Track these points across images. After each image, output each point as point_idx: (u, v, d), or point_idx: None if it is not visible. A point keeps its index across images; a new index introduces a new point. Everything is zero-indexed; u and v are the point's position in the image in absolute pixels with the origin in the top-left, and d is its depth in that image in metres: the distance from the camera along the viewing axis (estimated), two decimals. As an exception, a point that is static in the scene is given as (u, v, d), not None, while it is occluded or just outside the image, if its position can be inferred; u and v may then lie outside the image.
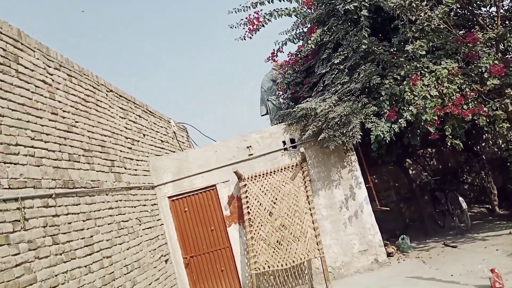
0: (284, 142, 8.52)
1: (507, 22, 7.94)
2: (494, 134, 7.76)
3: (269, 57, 9.91)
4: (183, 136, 12.02)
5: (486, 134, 8.21)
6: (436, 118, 7.04)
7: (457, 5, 7.20)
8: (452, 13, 7.35)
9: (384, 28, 8.52)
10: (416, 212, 10.94)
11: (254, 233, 7.89)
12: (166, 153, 10.05)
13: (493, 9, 7.97)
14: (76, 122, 6.23)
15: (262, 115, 10.93)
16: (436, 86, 7.14)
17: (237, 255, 8.34)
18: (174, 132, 11.15)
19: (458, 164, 11.41)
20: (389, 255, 8.25)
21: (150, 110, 9.82)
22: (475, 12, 7.96)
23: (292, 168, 8.19)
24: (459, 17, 7.99)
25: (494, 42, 7.40)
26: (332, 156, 8.21)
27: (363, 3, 7.60)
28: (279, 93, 10.47)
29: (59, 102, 5.91)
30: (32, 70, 5.49)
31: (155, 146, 9.52)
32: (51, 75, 5.93)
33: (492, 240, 7.66)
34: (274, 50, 9.89)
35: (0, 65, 4.87)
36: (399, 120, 7.15)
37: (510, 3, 8.15)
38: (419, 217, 10.68)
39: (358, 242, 8.00)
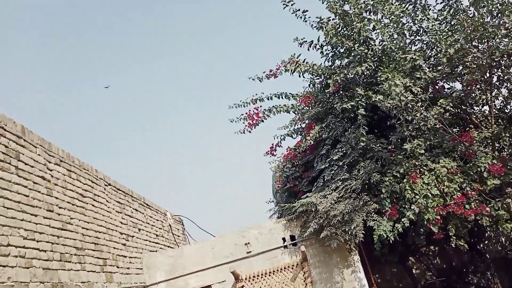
0: (284, 239, 8.30)
1: (500, 121, 8.25)
2: (497, 233, 7.60)
3: (268, 151, 10.05)
4: (178, 229, 11.73)
5: (488, 232, 8.01)
6: (438, 217, 6.99)
7: (451, 105, 7.53)
8: (447, 113, 7.64)
9: (380, 125, 8.79)
10: None
11: None
12: (161, 248, 9.72)
13: (486, 108, 8.33)
14: (71, 218, 6.08)
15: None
16: (437, 185, 7.19)
17: None
18: (169, 225, 10.90)
19: (462, 264, 11.07)
20: None
21: (147, 203, 9.70)
22: (469, 111, 8.32)
23: (292, 268, 7.88)
24: (454, 116, 8.31)
25: (489, 141, 7.61)
26: (334, 255, 7.96)
27: (360, 102, 7.92)
28: (278, 187, 10.46)
29: (56, 198, 5.83)
30: (32, 166, 5.49)
31: (150, 241, 9.23)
32: (51, 170, 5.92)
33: None
34: (273, 144, 10.07)
35: (0, 162, 4.86)
36: (402, 219, 7.07)
37: (501, 103, 8.55)
38: None
39: None
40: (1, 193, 4.71)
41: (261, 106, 9.62)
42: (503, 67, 7.59)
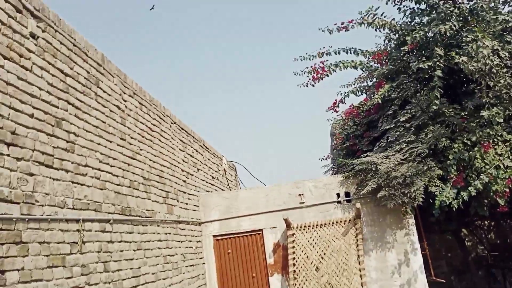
0: (338, 195, 8.19)
1: None
2: None
3: (331, 107, 9.77)
4: (232, 175, 11.92)
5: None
6: (507, 190, 6.57)
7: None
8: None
9: (456, 90, 8.22)
10: (469, 287, 10.01)
11: (298, 287, 7.44)
12: (215, 190, 9.94)
13: None
14: (141, 149, 6.25)
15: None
16: (510, 157, 6.69)
17: (276, 307, 7.89)
18: (224, 169, 11.08)
19: (517, 242, 10.54)
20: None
21: (206, 146, 9.84)
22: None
23: (344, 223, 7.79)
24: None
25: None
26: (388, 216, 7.77)
27: (437, 63, 7.38)
28: (336, 144, 10.24)
29: (129, 128, 5.98)
30: (109, 95, 5.61)
31: (206, 182, 9.44)
32: (125, 101, 6.04)
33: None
34: (336, 100, 9.77)
35: (83, 87, 4.99)
36: (469, 188, 6.71)
37: None
38: None
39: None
40: (82, 116, 4.86)
41: (327, 60, 9.27)
42: None
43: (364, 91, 9.64)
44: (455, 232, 10.14)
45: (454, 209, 6.84)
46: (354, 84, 9.73)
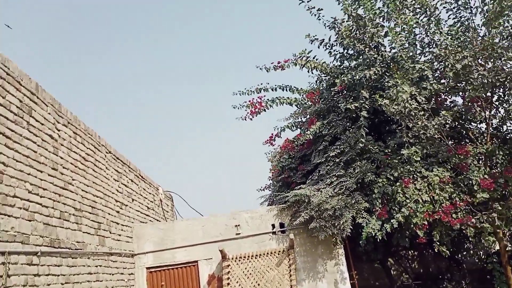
0: (273, 226, 8.46)
1: (495, 139, 8.45)
2: (477, 245, 7.83)
3: (267, 140, 10.18)
4: (168, 205, 11.84)
5: (467, 244, 8.24)
6: (425, 222, 7.19)
7: (451, 118, 7.71)
8: (447, 126, 7.81)
9: (380, 129, 8.95)
10: None
11: (232, 319, 7.52)
12: (151, 220, 9.83)
13: (483, 125, 8.53)
14: (73, 180, 6.15)
15: None
16: (428, 192, 7.37)
17: None
18: (160, 199, 11.00)
19: (439, 271, 11.34)
20: None
21: (142, 176, 9.78)
22: (467, 126, 8.51)
23: (278, 254, 8.05)
24: (452, 129, 8.48)
25: (483, 157, 7.82)
26: (320, 246, 8.14)
27: (363, 104, 8.08)
28: (272, 176, 10.61)
29: (61, 158, 5.89)
30: (42, 124, 5.54)
31: (141, 212, 9.33)
32: (59, 130, 5.97)
33: None
34: (272, 134, 10.20)
35: (15, 116, 4.92)
36: (391, 220, 7.26)
37: (499, 122, 8.75)
38: None
39: None
40: (12, 145, 4.76)
41: (264, 96, 9.73)
42: (505, 88, 7.75)
43: (298, 126, 10.18)
44: (382, 261, 10.76)
45: (378, 240, 7.35)
46: (289, 119, 10.27)
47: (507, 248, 8.23)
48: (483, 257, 8.56)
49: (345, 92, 9.01)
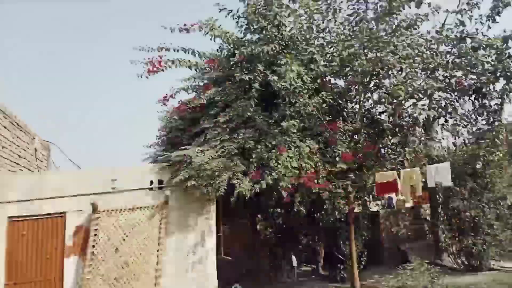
0: (151, 182, 8.47)
1: (364, 120, 9.50)
2: (332, 207, 8.90)
3: (161, 100, 10.13)
4: (44, 155, 11.19)
5: (325, 206, 9.29)
6: (290, 186, 7.86)
7: (330, 98, 8.52)
8: (325, 104, 8.59)
9: (268, 101, 9.43)
10: (255, 264, 11.48)
11: (93, 268, 7.42)
12: (21, 169, 9.25)
13: (357, 106, 9.52)
14: None
15: None
16: (297, 160, 8.02)
17: (67, 288, 7.66)
18: (35, 148, 10.37)
19: (299, 226, 12.55)
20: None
21: (17, 123, 9.16)
22: (343, 106, 9.43)
23: (152, 208, 8.12)
24: (330, 107, 9.31)
25: (350, 134, 8.76)
26: (194, 203, 8.36)
27: (257, 77, 8.52)
28: (160, 134, 10.63)
29: None
30: None
31: (11, 161, 8.75)
32: None
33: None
34: (167, 94, 10.18)
35: None
36: (262, 182, 7.76)
37: (370, 105, 9.83)
38: (257, 269, 11.22)
39: (196, 287, 8.03)
40: None
41: (165, 56, 9.69)
42: (380, 77, 8.77)
43: (194, 89, 10.29)
44: (251, 217, 11.70)
45: (246, 198, 7.82)
46: (187, 81, 10.33)
47: (355, 211, 9.58)
48: (337, 217, 9.84)
49: (244, 63, 9.33)
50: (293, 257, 9.84)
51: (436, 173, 7.91)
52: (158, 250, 7.67)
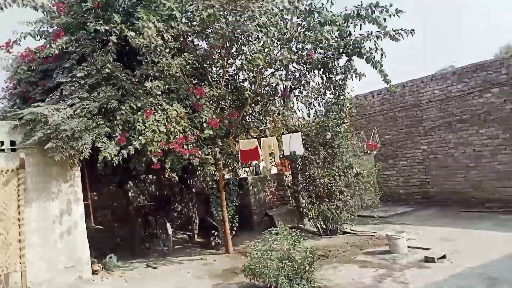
0: (2, 143, 8.11)
1: (228, 86, 10.18)
2: (204, 174, 9.50)
3: (3, 46, 9.25)
4: None
5: (198, 172, 9.89)
6: (160, 151, 8.37)
7: (194, 60, 8.81)
8: (189, 66, 8.90)
9: (130, 57, 9.45)
10: (128, 233, 11.97)
11: None
12: None
13: (221, 71, 10.11)
14: None
15: None
16: (165, 124, 8.50)
17: None
18: None
19: (172, 194, 13.24)
20: (94, 272, 8.84)
21: None
22: (207, 70, 9.90)
23: (6, 173, 7.85)
24: (195, 70, 9.74)
25: (215, 99, 9.37)
26: (55, 168, 8.38)
27: (114, 29, 8.33)
28: (7, 88, 9.79)
29: None
30: None
31: None
32: None
33: (187, 264, 9.42)
34: (10, 40, 9.35)
35: None
36: (129, 147, 8.10)
37: (233, 71, 10.50)
38: (131, 238, 11.69)
39: (66, 258, 8.35)
40: None
41: (3, -9, 8.68)
42: (240, 43, 9.35)
43: (44, 36, 9.61)
44: (121, 184, 11.76)
45: (114, 164, 8.04)
46: (33, 25, 9.53)
47: (225, 177, 10.38)
48: (209, 182, 10.32)
49: (98, 11, 8.98)
50: (168, 225, 10.25)
51: (291, 142, 8.97)
52: (18, 220, 7.58)
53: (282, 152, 9.59)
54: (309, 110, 11.51)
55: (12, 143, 8.18)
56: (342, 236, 10.94)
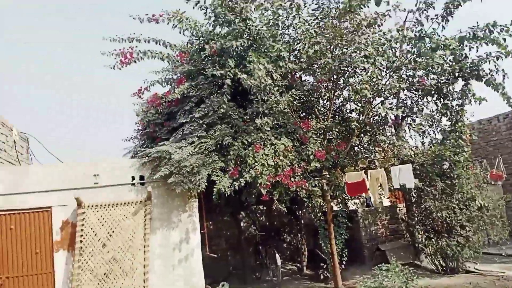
0: (133, 177, 9.16)
1: (335, 117, 10.26)
2: (312, 205, 9.59)
3: (136, 93, 10.59)
4: (23, 147, 11.56)
5: (306, 203, 9.99)
6: (268, 183, 8.67)
7: (301, 95, 9.14)
8: (296, 101, 9.25)
9: (243, 96, 10.09)
10: (240, 262, 12.39)
11: (82, 263, 8.18)
12: (1, 163, 9.66)
13: (328, 103, 10.25)
14: None
15: None
16: (273, 158, 8.83)
17: (59, 282, 8.43)
18: (14, 141, 10.73)
19: (281, 224, 13.46)
20: (206, 298, 9.23)
21: (-7, 116, 9.46)
22: (315, 103, 10.12)
23: (135, 204, 8.85)
24: (303, 104, 10.02)
25: (322, 131, 9.51)
26: (176, 199, 9.16)
27: (228, 72, 9.06)
28: (138, 129, 11.12)
29: None
30: None
31: (-10, 155, 9.14)
32: None
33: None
34: (141, 87, 10.67)
35: None
36: (240, 179, 8.56)
37: (341, 103, 10.58)
38: (242, 267, 12.09)
39: (183, 283, 8.91)
40: None
41: (136, 47, 10.06)
42: (347, 75, 9.44)
43: (169, 82, 10.78)
44: (234, 214, 12.36)
45: (227, 195, 8.59)
46: (160, 73, 10.78)
47: (333, 209, 10.32)
48: (317, 215, 10.33)
49: (215, 57, 9.83)
50: (277, 256, 10.35)
51: (400, 174, 8.58)
52: (144, 247, 8.45)
53: (391, 185, 9.27)
54: (423, 138, 10.93)
55: (141, 177, 9.21)
56: (464, 275, 9.98)
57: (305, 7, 9.45)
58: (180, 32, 9.70)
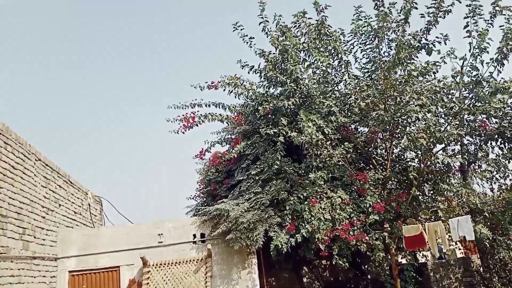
0: (194, 236, 9.28)
1: (394, 167, 9.92)
2: (375, 259, 9.07)
3: (198, 154, 11.05)
4: (97, 209, 12.31)
5: (373, 257, 9.47)
6: (326, 238, 8.32)
7: (354, 147, 9.02)
8: (351, 153, 9.11)
9: (297, 152, 10.05)
10: None
11: (148, 320, 8.27)
12: (77, 225, 10.30)
13: (385, 153, 9.96)
14: (1, 187, 6.66)
15: None
16: (330, 211, 8.54)
17: (126, 338, 8.53)
18: (89, 204, 11.48)
19: (346, 279, 12.75)
20: None
21: (71, 181, 10.23)
22: (370, 154, 9.91)
23: (197, 262, 8.91)
24: (358, 155, 9.83)
25: (381, 182, 9.20)
26: (235, 256, 9.07)
27: (281, 130, 9.17)
28: (199, 188, 11.49)
29: (-9, 167, 6.39)
30: (-26, 135, 6.03)
31: (68, 217, 9.79)
32: (-10, 141, 6.47)
33: None
34: (202, 149, 11.09)
35: None
36: (297, 235, 8.34)
37: (399, 151, 10.26)
38: None
39: None
40: None
41: (198, 111, 10.57)
42: (402, 125, 9.22)
43: (227, 142, 11.16)
44: (296, 270, 11.98)
45: (285, 251, 8.36)
46: (221, 133, 11.21)
47: (400, 263, 9.73)
48: (379, 269, 9.79)
49: (268, 116, 10.08)
50: None
51: (459, 226, 7.94)
52: (205, 304, 8.42)
53: (450, 237, 8.59)
54: (491, 185, 10.18)
55: (202, 235, 9.31)
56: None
57: (356, 61, 9.60)
58: (235, 97, 10.14)
